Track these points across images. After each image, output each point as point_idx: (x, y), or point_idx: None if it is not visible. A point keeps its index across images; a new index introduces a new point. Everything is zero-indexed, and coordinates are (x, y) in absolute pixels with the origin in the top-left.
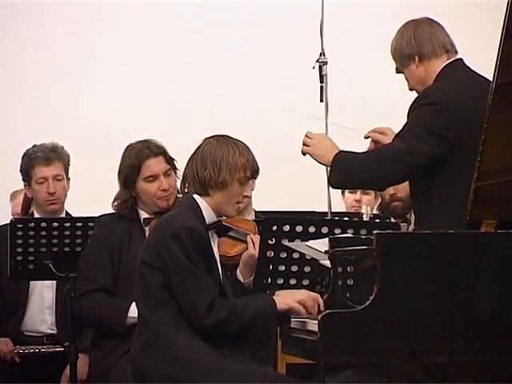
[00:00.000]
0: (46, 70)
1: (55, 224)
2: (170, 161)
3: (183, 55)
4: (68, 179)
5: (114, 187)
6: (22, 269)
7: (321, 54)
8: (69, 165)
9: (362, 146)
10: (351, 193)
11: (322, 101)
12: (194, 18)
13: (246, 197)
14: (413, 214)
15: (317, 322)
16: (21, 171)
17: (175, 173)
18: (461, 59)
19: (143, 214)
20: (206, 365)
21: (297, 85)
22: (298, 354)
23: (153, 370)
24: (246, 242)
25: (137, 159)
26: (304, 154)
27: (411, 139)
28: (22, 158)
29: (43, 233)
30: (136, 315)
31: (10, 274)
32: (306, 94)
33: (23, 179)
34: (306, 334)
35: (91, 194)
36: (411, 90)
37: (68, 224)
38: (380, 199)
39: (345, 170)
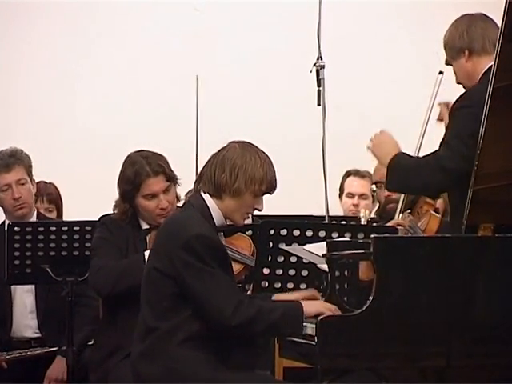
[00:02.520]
0: (40, 74)
1: (53, 228)
2: (169, 178)
3: (180, 59)
4: (33, 181)
5: (109, 191)
6: (19, 273)
7: (318, 58)
8: (31, 167)
9: (360, 148)
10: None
11: (319, 105)
12: (190, 22)
13: (257, 209)
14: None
15: (314, 326)
16: None
17: (176, 184)
18: None
19: (144, 224)
20: (205, 380)
21: (294, 89)
22: (295, 358)
23: (153, 379)
24: (241, 262)
25: (136, 177)
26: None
27: (454, 145)
28: None
29: (40, 237)
30: None
31: (8, 277)
32: (304, 97)
33: None
34: (303, 337)
35: (87, 197)
36: (458, 83)
37: (65, 228)
38: (378, 204)
39: (398, 175)
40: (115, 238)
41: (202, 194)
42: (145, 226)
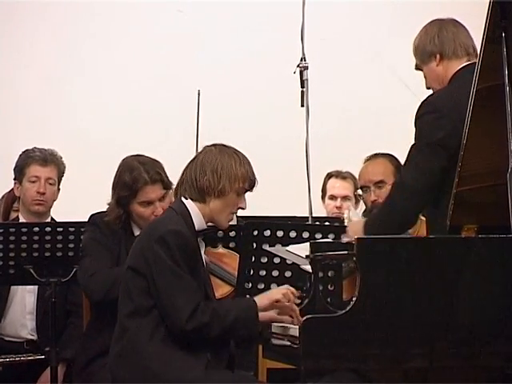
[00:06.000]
0: (35, 80)
1: (36, 229)
2: (166, 186)
3: (163, 61)
4: (58, 188)
5: (95, 194)
6: (3, 274)
7: (301, 59)
8: (63, 174)
9: (343, 150)
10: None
11: (302, 106)
12: (174, 23)
13: (241, 208)
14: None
15: (298, 326)
16: (15, 168)
17: (170, 189)
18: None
19: (136, 231)
20: (180, 378)
21: (277, 90)
22: (278, 359)
23: (127, 381)
24: (231, 284)
25: (134, 183)
26: None
27: (418, 159)
28: (20, 155)
29: (24, 237)
30: None
31: None
32: (287, 99)
33: (15, 177)
34: (286, 339)
35: (73, 200)
36: (428, 88)
37: (49, 229)
38: (360, 205)
39: (374, 224)
40: (108, 240)
41: (183, 199)
42: (137, 233)
